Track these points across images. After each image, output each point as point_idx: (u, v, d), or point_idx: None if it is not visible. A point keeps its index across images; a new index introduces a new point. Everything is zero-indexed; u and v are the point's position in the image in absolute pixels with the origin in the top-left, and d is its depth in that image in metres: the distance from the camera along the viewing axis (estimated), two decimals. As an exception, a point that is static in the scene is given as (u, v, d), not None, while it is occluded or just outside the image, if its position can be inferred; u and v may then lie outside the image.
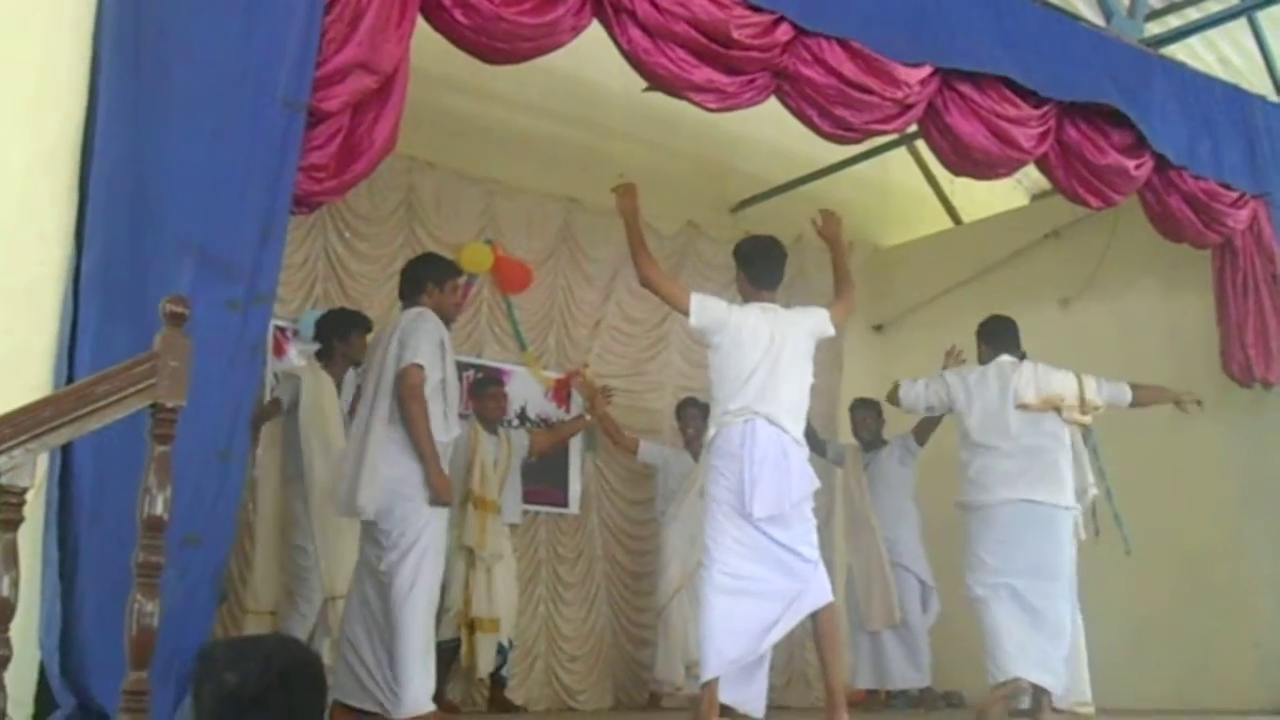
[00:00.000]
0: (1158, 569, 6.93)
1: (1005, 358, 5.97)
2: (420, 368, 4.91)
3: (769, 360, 4.88)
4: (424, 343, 4.97)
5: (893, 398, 6.22)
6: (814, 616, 4.84)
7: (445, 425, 5.06)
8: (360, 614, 5.02)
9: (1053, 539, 5.73)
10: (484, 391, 7.18)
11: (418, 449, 4.92)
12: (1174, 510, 7.02)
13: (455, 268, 5.56)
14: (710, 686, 4.66)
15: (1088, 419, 5.93)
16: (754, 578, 4.76)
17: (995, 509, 5.77)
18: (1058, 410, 5.85)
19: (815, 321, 5.10)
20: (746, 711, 4.84)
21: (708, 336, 5.00)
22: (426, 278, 5.24)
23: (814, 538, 4.90)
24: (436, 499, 4.94)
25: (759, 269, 5.18)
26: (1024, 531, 5.71)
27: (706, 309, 4.99)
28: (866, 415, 7.75)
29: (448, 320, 5.25)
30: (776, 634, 4.76)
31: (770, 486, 4.74)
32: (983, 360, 6.10)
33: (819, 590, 4.83)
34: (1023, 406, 5.81)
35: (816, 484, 4.96)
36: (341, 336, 6.16)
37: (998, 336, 6.07)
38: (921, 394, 6.06)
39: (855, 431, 7.82)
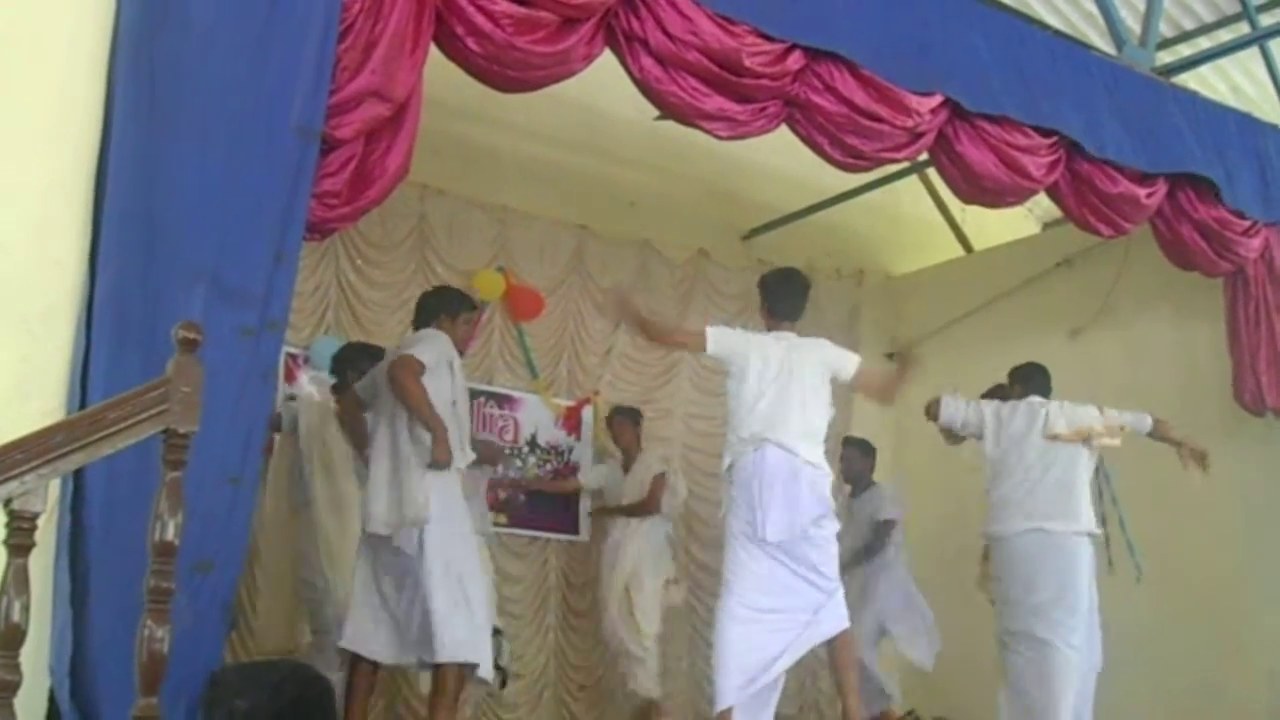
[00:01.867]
0: (1169, 597, 6.89)
1: (1035, 398, 6.08)
2: (413, 357, 4.83)
3: (778, 387, 4.94)
4: (427, 349, 4.92)
5: (932, 411, 6.18)
6: (829, 642, 4.87)
7: (461, 450, 5.03)
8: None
9: (1071, 569, 5.75)
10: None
11: (422, 421, 4.81)
12: (1185, 538, 6.99)
13: (469, 302, 5.51)
14: (724, 715, 4.66)
15: (1117, 440, 6.00)
16: (771, 609, 4.81)
17: (1013, 541, 5.84)
18: (1087, 441, 5.91)
19: (836, 358, 5.16)
20: None
21: (724, 364, 5.10)
22: (439, 309, 5.24)
23: (834, 563, 4.92)
24: (434, 463, 4.81)
25: (777, 299, 5.29)
26: (1042, 562, 5.74)
27: (723, 338, 5.10)
28: (851, 454, 7.58)
29: (458, 353, 5.24)
30: (789, 659, 4.80)
31: (781, 510, 4.80)
32: (1014, 399, 6.20)
33: (835, 617, 4.86)
34: (1053, 437, 5.88)
35: (831, 505, 4.97)
36: (356, 369, 6.16)
37: (1032, 380, 6.17)
38: (960, 412, 6.11)
39: (842, 471, 7.45)
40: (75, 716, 3.34)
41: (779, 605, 4.80)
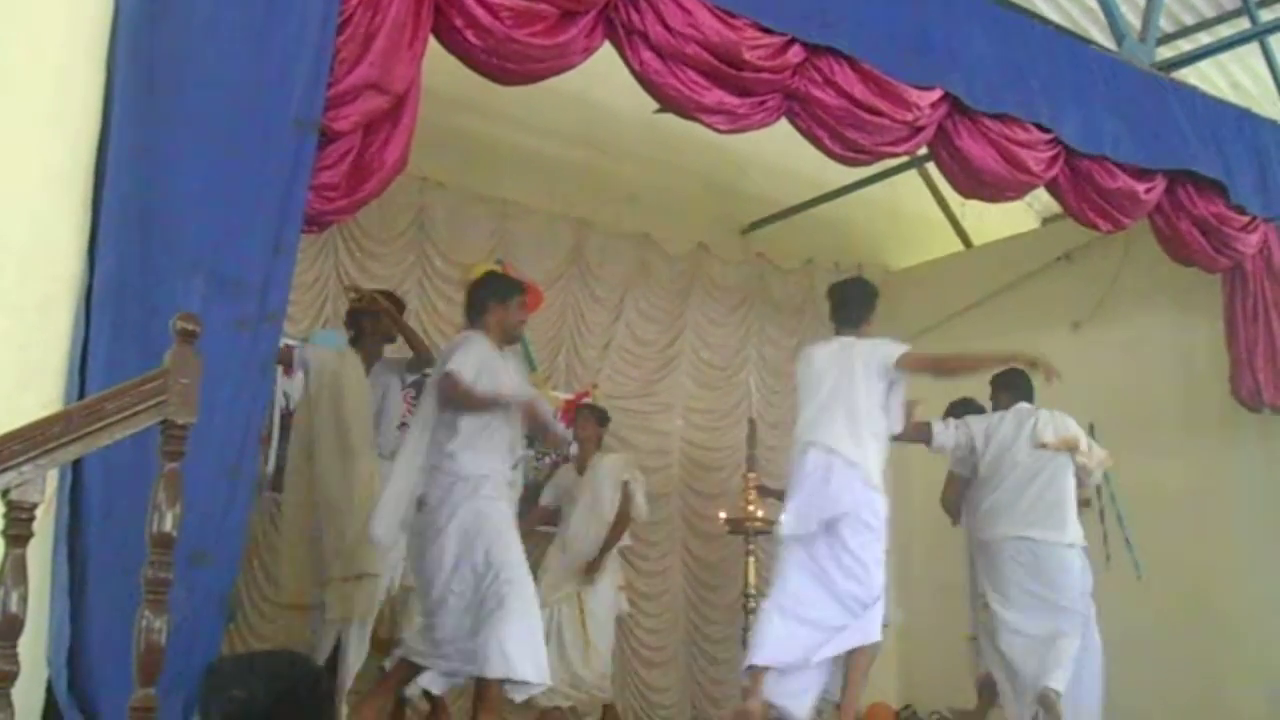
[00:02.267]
0: (1166, 593, 6.91)
1: (1023, 405, 6.16)
2: (451, 373, 4.86)
3: (826, 389, 5.23)
4: (463, 359, 4.93)
5: (916, 436, 6.16)
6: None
7: (508, 451, 5.05)
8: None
9: (1057, 575, 5.83)
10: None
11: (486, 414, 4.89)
12: (1183, 535, 7.00)
13: (519, 285, 5.43)
14: (755, 675, 4.99)
15: (1091, 464, 6.12)
16: (809, 602, 5.05)
17: (999, 545, 5.94)
18: (1072, 452, 5.98)
19: (882, 351, 5.36)
20: (785, 706, 5.08)
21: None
22: (488, 296, 5.22)
23: (870, 571, 5.09)
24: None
25: (833, 306, 5.72)
26: (1024, 569, 5.84)
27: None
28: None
29: (512, 338, 5.30)
30: (821, 655, 5.09)
31: (800, 504, 5.09)
32: (998, 407, 6.29)
33: (866, 629, 5.11)
34: (1042, 446, 5.97)
35: (868, 505, 5.12)
36: (373, 317, 6.15)
37: (1015, 386, 6.24)
38: (950, 437, 6.21)
39: None
40: (73, 707, 3.34)
41: (814, 598, 5.05)
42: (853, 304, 5.58)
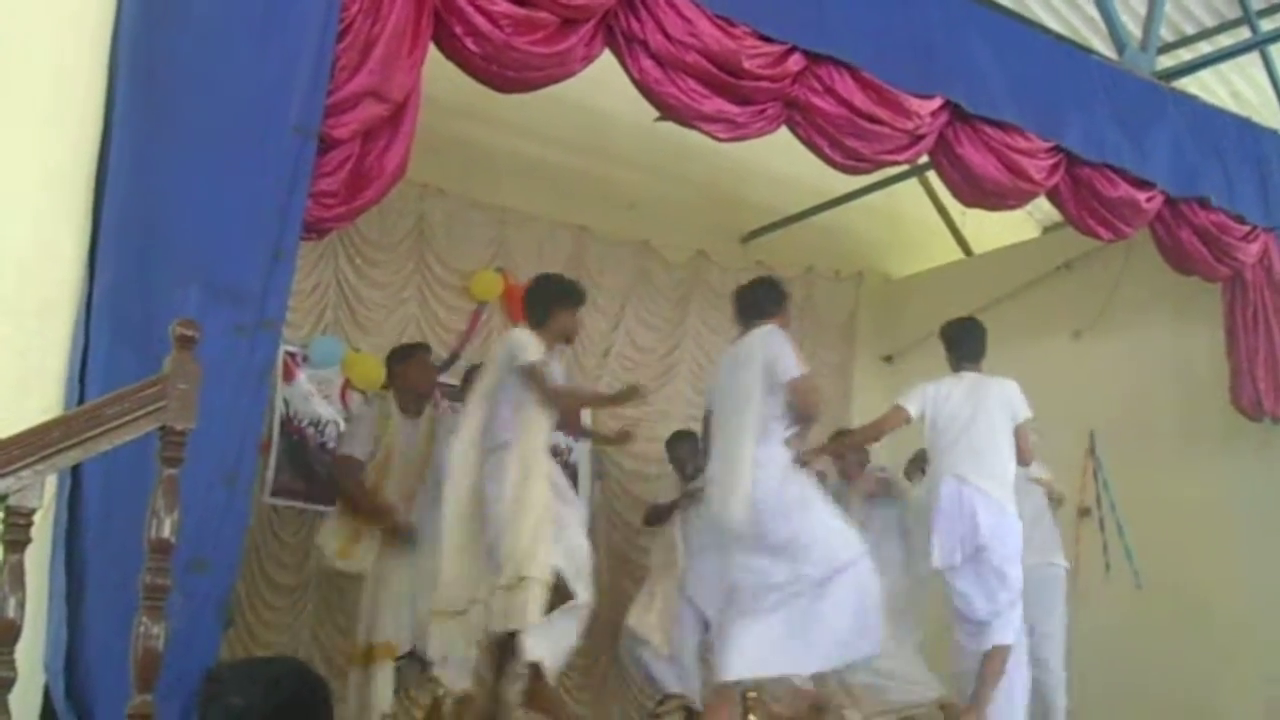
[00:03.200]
0: (1165, 602, 6.90)
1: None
2: (529, 363, 5.03)
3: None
4: (533, 351, 5.09)
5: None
6: None
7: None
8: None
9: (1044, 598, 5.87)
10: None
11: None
12: (1183, 544, 6.99)
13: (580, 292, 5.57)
14: None
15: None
16: None
17: None
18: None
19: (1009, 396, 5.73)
20: None
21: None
22: (551, 301, 5.35)
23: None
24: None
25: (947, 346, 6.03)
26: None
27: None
28: (681, 448, 7.25)
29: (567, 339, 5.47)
30: None
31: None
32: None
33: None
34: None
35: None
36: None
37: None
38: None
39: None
40: (70, 713, 3.33)
41: None
42: (954, 345, 5.88)
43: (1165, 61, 7.25)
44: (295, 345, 6.87)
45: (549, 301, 5.32)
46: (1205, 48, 7.83)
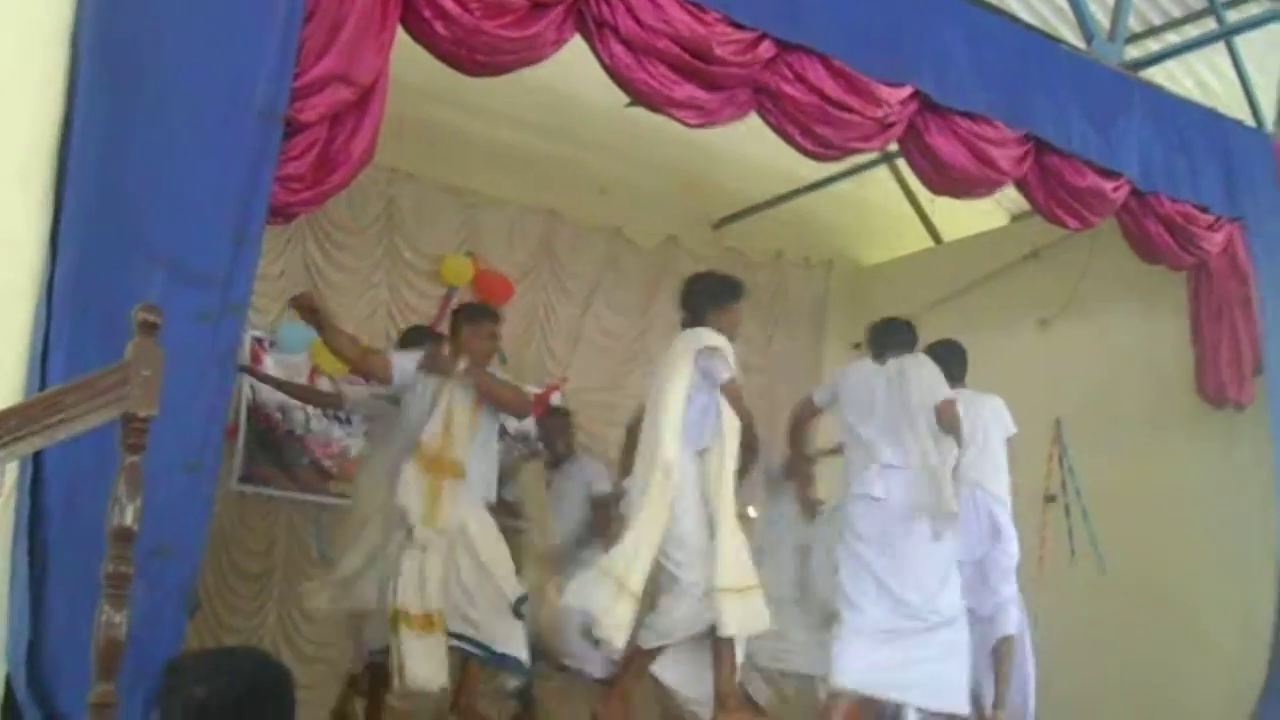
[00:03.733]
0: (1130, 588, 6.95)
1: None
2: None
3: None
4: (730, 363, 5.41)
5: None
6: None
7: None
8: None
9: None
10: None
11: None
12: (1148, 531, 7.04)
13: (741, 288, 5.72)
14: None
15: None
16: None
17: None
18: None
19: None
20: None
21: None
22: (710, 300, 5.55)
23: None
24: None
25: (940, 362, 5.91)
26: None
27: None
28: (556, 426, 7.11)
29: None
30: None
31: None
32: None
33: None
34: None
35: None
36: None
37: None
38: None
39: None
40: (32, 703, 3.30)
41: None
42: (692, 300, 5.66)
43: (1133, 52, 7.27)
44: (262, 331, 6.83)
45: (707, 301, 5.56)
46: (1172, 38, 7.86)
